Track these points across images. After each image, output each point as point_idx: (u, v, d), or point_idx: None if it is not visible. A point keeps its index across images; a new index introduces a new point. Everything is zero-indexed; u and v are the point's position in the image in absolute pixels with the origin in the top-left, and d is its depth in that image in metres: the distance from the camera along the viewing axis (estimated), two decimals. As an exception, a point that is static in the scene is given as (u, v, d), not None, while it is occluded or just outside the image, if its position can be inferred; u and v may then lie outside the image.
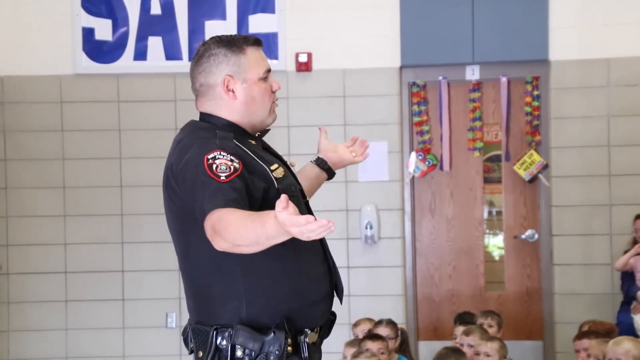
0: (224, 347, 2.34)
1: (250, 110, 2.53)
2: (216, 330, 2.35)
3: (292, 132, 6.34)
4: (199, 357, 2.38)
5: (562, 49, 6.19)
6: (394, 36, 6.26)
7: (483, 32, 6.19)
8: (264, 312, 2.35)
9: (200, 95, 2.56)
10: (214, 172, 2.29)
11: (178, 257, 2.53)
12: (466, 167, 6.48)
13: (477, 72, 6.35)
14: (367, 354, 4.31)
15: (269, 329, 2.33)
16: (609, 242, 6.18)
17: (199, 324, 2.41)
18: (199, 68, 2.53)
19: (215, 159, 2.31)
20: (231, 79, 2.50)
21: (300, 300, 2.42)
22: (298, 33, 6.31)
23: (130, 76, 6.38)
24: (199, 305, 2.42)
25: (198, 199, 2.28)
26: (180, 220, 2.43)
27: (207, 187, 2.27)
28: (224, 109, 2.52)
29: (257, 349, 2.33)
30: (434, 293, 6.51)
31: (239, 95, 2.51)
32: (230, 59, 2.49)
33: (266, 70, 2.55)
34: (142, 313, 6.39)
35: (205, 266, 2.41)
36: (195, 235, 2.36)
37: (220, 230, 2.17)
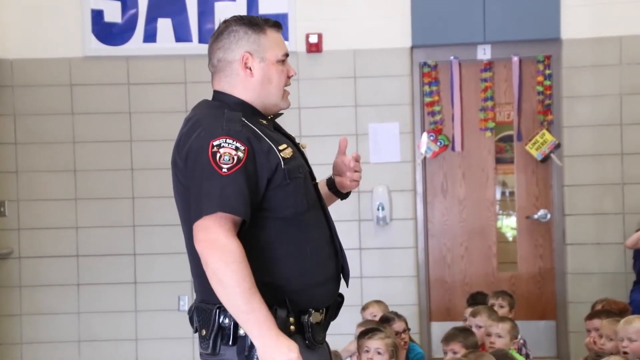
0: (226, 325, 2.36)
1: (265, 91, 2.53)
2: (219, 309, 2.37)
3: (303, 113, 6.31)
4: (202, 335, 2.40)
5: (574, 27, 6.13)
6: (404, 16, 6.22)
7: (494, 11, 6.14)
8: (267, 291, 2.34)
9: (217, 72, 2.57)
10: (217, 162, 2.31)
11: (185, 236, 2.53)
12: (478, 148, 6.45)
13: (489, 52, 6.30)
14: (381, 334, 4.30)
15: (271, 307, 2.33)
16: (622, 221, 6.15)
17: (202, 303, 2.43)
18: (219, 44, 2.54)
19: (220, 147, 2.32)
20: (250, 56, 2.51)
21: (305, 281, 2.43)
22: (308, 14, 6.27)
23: (140, 58, 6.35)
24: (203, 284, 2.42)
25: (195, 189, 2.32)
26: (186, 198, 2.43)
27: (207, 178, 2.29)
28: (239, 86, 2.53)
29: None
30: (446, 274, 6.49)
31: (256, 74, 2.52)
32: (251, 37, 2.51)
33: (284, 53, 2.56)
34: (154, 296, 6.40)
35: None
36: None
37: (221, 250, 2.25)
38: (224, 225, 2.28)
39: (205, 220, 2.28)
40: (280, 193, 2.43)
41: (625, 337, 4.23)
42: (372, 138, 6.32)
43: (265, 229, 2.40)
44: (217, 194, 2.28)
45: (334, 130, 6.29)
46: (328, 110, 6.33)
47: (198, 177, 2.32)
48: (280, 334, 2.30)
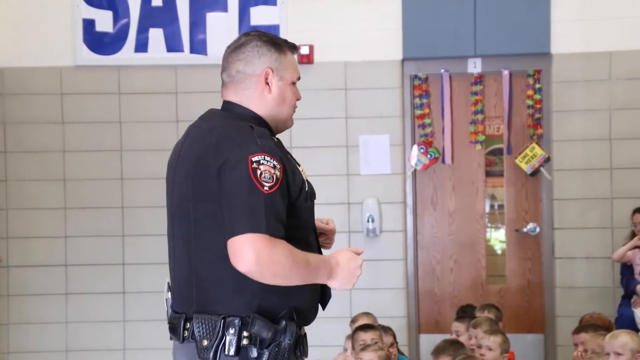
0: (231, 334, 2.39)
1: (278, 108, 2.59)
2: (224, 320, 2.40)
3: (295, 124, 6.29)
4: (202, 345, 2.41)
5: (564, 42, 6.17)
6: (396, 29, 6.24)
7: (485, 24, 6.17)
8: (273, 304, 2.42)
9: (232, 82, 2.60)
10: (259, 179, 2.34)
11: (183, 247, 2.53)
12: (468, 161, 6.47)
13: (479, 65, 6.33)
14: (375, 347, 4.30)
15: (280, 319, 2.41)
16: (611, 235, 6.17)
17: (204, 313, 2.44)
18: (240, 55, 2.58)
19: (259, 164, 2.36)
20: (271, 73, 2.57)
21: (306, 303, 2.53)
22: (300, 25, 6.28)
23: (131, 68, 6.36)
24: (204, 295, 2.45)
25: (237, 206, 2.34)
26: (207, 209, 2.44)
27: (249, 196, 2.33)
28: (256, 101, 2.57)
29: (270, 338, 2.39)
30: (436, 286, 6.50)
31: (273, 91, 2.58)
32: (273, 55, 2.57)
33: (298, 77, 2.66)
34: (143, 306, 6.38)
35: (221, 258, 2.41)
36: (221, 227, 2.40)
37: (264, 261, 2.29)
38: (267, 242, 2.32)
39: (248, 238, 2.31)
40: (298, 213, 2.51)
41: (611, 352, 4.24)
42: (362, 150, 6.33)
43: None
44: (261, 213, 2.32)
45: (324, 141, 6.31)
46: (319, 122, 6.34)
47: (240, 192, 2.34)
48: (334, 260, 2.49)
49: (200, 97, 6.37)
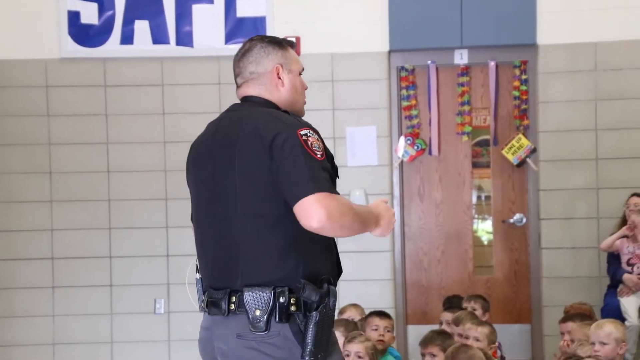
0: (281, 303, 2.58)
1: (293, 98, 2.88)
2: (274, 289, 2.59)
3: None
4: (255, 315, 2.59)
5: (550, 33, 6.19)
6: (382, 20, 6.24)
7: (471, 16, 6.18)
8: (313, 272, 2.64)
9: (248, 82, 2.85)
10: (311, 148, 2.60)
11: (222, 225, 2.71)
12: (455, 152, 6.48)
13: (466, 57, 6.34)
14: (362, 338, 4.31)
15: (321, 284, 2.63)
16: (596, 225, 6.20)
17: (252, 286, 2.62)
18: (249, 58, 2.85)
19: (307, 136, 2.63)
20: (281, 68, 2.83)
21: (332, 270, 2.75)
22: (286, 17, 6.27)
23: (116, 60, 6.33)
24: (250, 268, 2.64)
25: (298, 173, 2.57)
26: (253, 186, 2.65)
27: (308, 163, 2.57)
28: (273, 94, 2.83)
29: (317, 301, 2.59)
30: (423, 277, 6.52)
31: (286, 83, 2.85)
32: (278, 52, 2.84)
33: (302, 68, 2.93)
34: (130, 299, 6.37)
35: (265, 232, 2.64)
36: (267, 201, 2.63)
37: (334, 215, 2.53)
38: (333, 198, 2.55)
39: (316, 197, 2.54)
40: None
41: (596, 341, 4.27)
42: (349, 141, 6.33)
43: None
44: (320, 175, 2.58)
45: (311, 133, 6.30)
46: (306, 114, 6.31)
47: (297, 161, 2.57)
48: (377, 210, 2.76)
49: (186, 89, 6.36)
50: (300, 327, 2.60)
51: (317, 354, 2.58)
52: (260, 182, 2.63)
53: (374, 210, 2.77)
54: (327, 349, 2.62)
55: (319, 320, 2.58)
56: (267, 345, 2.60)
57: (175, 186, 6.34)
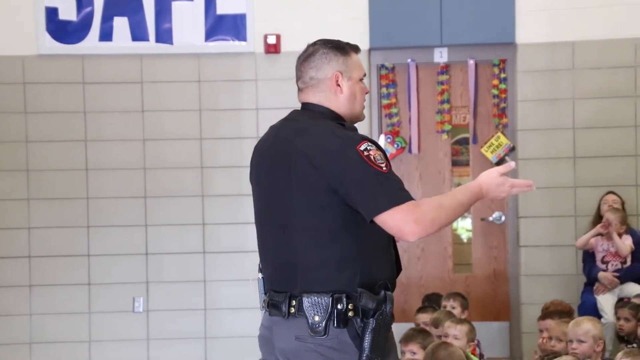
0: (339, 309, 2.67)
1: (351, 105, 2.87)
2: (332, 296, 2.67)
3: (261, 114, 6.31)
4: (315, 320, 2.68)
5: (529, 32, 6.22)
6: (362, 18, 6.25)
7: (451, 14, 6.20)
8: (370, 279, 2.70)
9: (308, 87, 2.88)
10: (374, 162, 2.65)
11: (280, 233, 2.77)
12: (434, 150, 6.50)
13: (445, 55, 6.36)
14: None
15: (378, 290, 2.69)
16: (574, 223, 6.24)
17: (311, 292, 2.70)
18: (311, 64, 2.87)
19: (368, 150, 2.66)
20: (340, 75, 2.84)
21: (390, 272, 2.81)
22: (267, 14, 6.27)
23: (95, 57, 6.29)
24: (309, 275, 2.72)
25: (368, 190, 2.63)
26: (307, 198, 2.71)
27: (375, 178, 2.62)
28: (332, 101, 2.85)
29: (374, 308, 2.66)
30: (403, 275, 6.43)
31: (345, 90, 2.85)
32: (340, 59, 2.85)
33: (364, 74, 2.94)
34: (109, 297, 6.33)
35: (323, 242, 2.72)
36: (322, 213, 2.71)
37: (425, 222, 2.62)
38: (416, 207, 2.64)
39: (400, 213, 2.61)
40: None
41: (574, 339, 4.30)
42: (329, 139, 6.32)
43: (369, 227, 2.68)
44: (394, 187, 2.64)
45: (291, 131, 6.30)
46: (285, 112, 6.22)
47: (364, 177, 2.63)
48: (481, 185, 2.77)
49: (166, 87, 6.34)
50: (358, 332, 2.68)
51: (373, 359, 2.67)
52: (315, 199, 2.71)
53: (472, 188, 2.78)
54: (383, 352, 2.69)
55: (376, 327, 2.66)
56: (325, 348, 2.69)
57: (155, 184, 6.32)
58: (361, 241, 2.70)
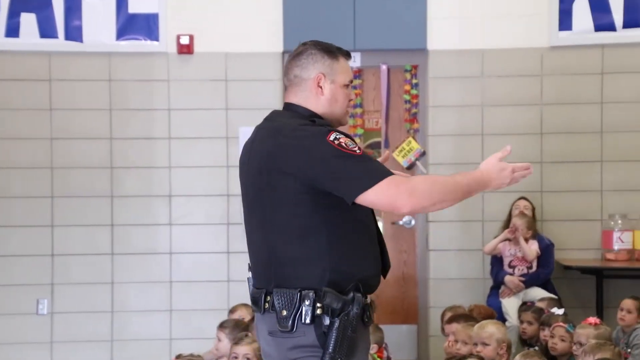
0: (306, 306, 2.71)
1: (331, 108, 2.91)
2: (300, 292, 2.72)
3: (173, 115, 6.27)
4: (282, 315, 2.73)
5: (440, 39, 6.32)
6: (276, 21, 6.25)
7: (364, 20, 6.26)
8: (342, 277, 2.74)
9: (291, 86, 2.95)
10: (346, 147, 2.68)
11: (259, 232, 2.83)
12: (346, 154, 6.52)
13: (358, 60, 6.41)
14: (248, 339, 4.29)
15: (348, 291, 2.73)
16: (481, 228, 6.37)
17: (282, 288, 2.74)
18: (297, 62, 2.94)
19: (338, 139, 2.70)
20: (323, 77, 2.90)
21: (369, 270, 2.82)
22: (179, 14, 6.21)
23: (1, 54, 6.13)
24: (282, 272, 2.76)
25: (345, 175, 2.67)
26: (279, 197, 2.77)
27: (350, 162, 2.67)
28: (311, 101, 2.90)
29: (339, 308, 2.70)
30: (313, 278, 6.53)
31: (326, 93, 2.90)
32: (326, 61, 2.92)
33: (350, 80, 2.97)
34: (12, 299, 6.18)
35: (295, 240, 2.77)
36: (294, 211, 2.76)
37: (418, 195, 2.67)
38: (400, 180, 2.69)
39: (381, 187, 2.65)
40: None
41: (479, 342, 4.38)
42: (242, 142, 6.24)
43: (344, 223, 2.76)
44: (370, 166, 2.68)
45: (203, 132, 6.28)
46: (198, 113, 6.29)
47: (339, 166, 2.67)
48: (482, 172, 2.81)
49: (75, 85, 6.22)
50: (324, 330, 2.71)
51: (335, 358, 2.68)
52: (286, 197, 2.75)
53: (472, 173, 2.81)
54: (347, 354, 2.70)
55: (340, 326, 2.69)
56: (292, 344, 2.74)
57: (62, 184, 6.20)
58: (334, 238, 2.74)
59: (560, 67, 6.26)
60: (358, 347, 2.77)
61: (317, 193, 2.72)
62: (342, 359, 2.70)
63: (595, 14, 6.17)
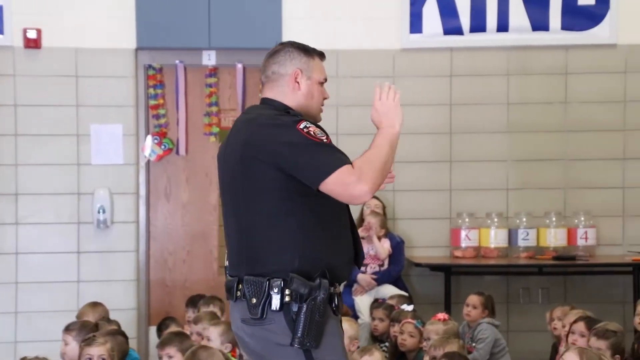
0: (275, 293, 2.82)
1: (307, 104, 3.05)
2: (269, 280, 2.83)
3: (20, 111, 6.09)
4: (252, 303, 2.83)
5: (296, 38, 6.24)
6: (129, 17, 6.15)
7: (219, 18, 6.23)
8: (310, 264, 2.85)
9: (269, 82, 3.08)
10: (314, 136, 2.83)
11: (234, 221, 2.93)
12: (202, 152, 6.50)
13: (214, 58, 6.39)
14: (101, 340, 4.20)
15: (315, 277, 2.83)
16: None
17: (251, 276, 2.85)
18: (275, 60, 3.08)
19: (307, 127, 2.84)
20: (300, 73, 3.04)
21: (338, 259, 2.93)
22: (26, 7, 6.05)
23: None
24: (253, 260, 2.88)
25: (311, 161, 2.80)
26: (252, 185, 2.88)
27: (316, 149, 2.80)
28: (288, 96, 3.03)
29: (306, 294, 2.81)
30: (168, 278, 6.48)
31: (302, 88, 3.05)
32: (303, 58, 3.07)
33: (325, 78, 3.13)
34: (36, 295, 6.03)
35: (266, 227, 2.87)
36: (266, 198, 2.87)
37: (369, 177, 2.78)
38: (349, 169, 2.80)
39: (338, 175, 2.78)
40: None
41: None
42: (94, 139, 6.19)
43: (314, 211, 2.88)
44: (332, 154, 2.82)
45: (53, 130, 6.13)
46: (47, 109, 6.12)
47: (306, 153, 2.80)
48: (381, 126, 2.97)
49: None
50: (293, 316, 2.81)
51: (305, 343, 2.79)
52: (257, 185, 2.87)
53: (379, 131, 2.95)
54: (316, 339, 2.81)
55: (307, 311, 2.79)
56: (263, 330, 2.85)
57: None
58: (304, 226, 2.86)
59: (412, 68, 6.42)
60: (328, 333, 2.86)
61: (289, 180, 2.83)
62: (312, 343, 2.80)
63: (444, 18, 6.36)
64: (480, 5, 6.34)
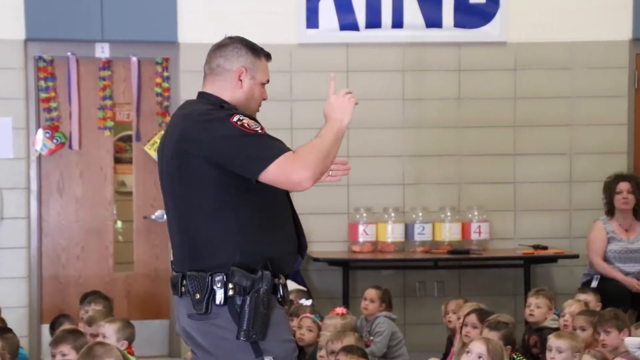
0: (218, 287, 2.85)
1: (246, 102, 3.05)
2: (211, 275, 2.86)
3: None
4: (195, 298, 2.86)
5: (192, 32, 6.29)
6: (17, 6, 6.00)
7: (113, 9, 6.14)
8: (252, 257, 2.88)
9: (211, 74, 3.08)
10: (249, 128, 2.83)
11: (174, 216, 2.98)
12: (96, 147, 6.39)
13: (107, 50, 6.28)
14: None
15: (257, 270, 2.86)
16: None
17: (194, 271, 2.89)
18: (222, 53, 3.09)
19: (241, 120, 2.84)
20: (245, 71, 3.05)
21: (280, 250, 2.96)
22: None
23: None
24: (195, 255, 2.91)
25: (248, 153, 2.81)
26: (189, 180, 2.89)
27: (252, 141, 2.81)
28: (228, 91, 3.04)
29: (249, 286, 2.84)
30: (61, 274, 6.35)
31: (244, 87, 3.05)
32: (249, 57, 3.07)
33: (267, 80, 3.12)
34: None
35: (205, 222, 2.90)
36: (203, 193, 2.88)
37: (311, 165, 2.80)
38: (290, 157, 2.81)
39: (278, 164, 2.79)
40: None
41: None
42: (-18, 133, 6.02)
43: (253, 204, 2.89)
44: (269, 144, 2.83)
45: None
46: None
47: (242, 145, 2.80)
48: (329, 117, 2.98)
49: None
50: (237, 310, 2.84)
51: (251, 335, 2.82)
52: (195, 180, 2.88)
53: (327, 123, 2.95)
54: (262, 330, 2.84)
55: (251, 304, 2.82)
56: (209, 325, 2.88)
57: None
58: (243, 219, 2.87)
59: (309, 64, 6.44)
60: (274, 324, 2.89)
61: (226, 174, 2.84)
62: (258, 335, 2.83)
63: (340, 14, 6.40)
64: (375, 2, 6.40)
